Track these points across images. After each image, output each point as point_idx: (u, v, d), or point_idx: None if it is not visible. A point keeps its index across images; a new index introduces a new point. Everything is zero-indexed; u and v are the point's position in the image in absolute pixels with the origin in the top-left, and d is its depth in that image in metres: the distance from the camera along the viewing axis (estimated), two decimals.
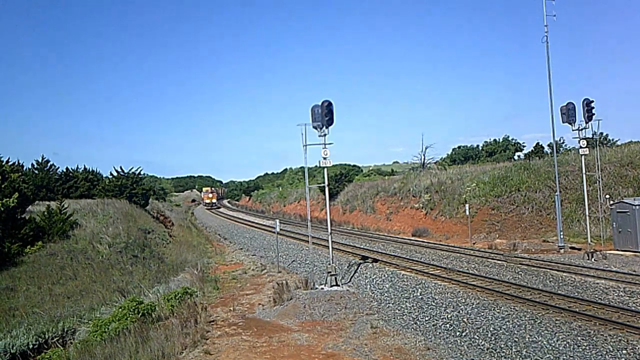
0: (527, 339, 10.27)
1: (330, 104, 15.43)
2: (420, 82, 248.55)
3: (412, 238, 30.80)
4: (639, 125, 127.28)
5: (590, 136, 23.20)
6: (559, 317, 11.59)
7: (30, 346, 14.10)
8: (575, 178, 28.57)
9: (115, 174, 47.10)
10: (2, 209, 23.51)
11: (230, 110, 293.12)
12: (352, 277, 17.68)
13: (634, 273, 16.30)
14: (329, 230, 16.62)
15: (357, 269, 18.86)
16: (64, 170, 47.20)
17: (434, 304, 13.50)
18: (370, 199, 44.91)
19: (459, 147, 73.98)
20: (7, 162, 32.82)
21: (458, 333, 11.03)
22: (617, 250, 20.81)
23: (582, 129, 20.41)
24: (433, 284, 15.68)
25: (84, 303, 17.80)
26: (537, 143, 56.12)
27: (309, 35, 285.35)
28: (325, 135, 15.55)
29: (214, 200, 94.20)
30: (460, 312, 12.54)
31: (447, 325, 11.60)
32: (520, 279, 16.12)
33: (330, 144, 15.61)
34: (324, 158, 15.76)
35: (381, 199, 43.73)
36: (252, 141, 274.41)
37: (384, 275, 17.31)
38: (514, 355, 9.51)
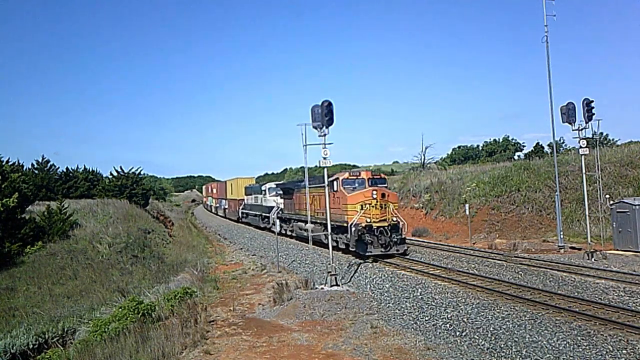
0: (527, 339, 10.27)
1: (330, 104, 15.41)
2: (421, 82, 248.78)
3: (412, 238, 30.74)
4: (639, 125, 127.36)
5: (590, 136, 23.23)
6: (559, 317, 11.58)
7: (30, 346, 14.12)
8: (575, 178, 28.57)
9: (115, 174, 47.18)
10: (2, 209, 23.53)
11: (230, 110, 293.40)
12: (352, 277, 17.69)
13: (634, 273, 16.28)
14: (329, 230, 16.63)
15: (357, 268, 18.86)
16: (64, 170, 47.39)
17: (434, 303, 13.50)
18: None
19: (459, 147, 74.27)
20: (7, 162, 32.85)
21: (458, 333, 11.02)
22: (617, 250, 20.80)
23: (582, 129, 20.39)
24: (433, 284, 15.68)
25: (84, 303, 17.81)
26: (537, 143, 56.33)
27: (309, 35, 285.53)
28: (325, 135, 15.53)
29: None
30: (460, 312, 12.54)
31: (447, 325, 11.59)
32: (520, 279, 16.12)
33: (330, 144, 15.60)
34: (324, 158, 15.74)
35: None
36: (252, 141, 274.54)
37: (384, 275, 17.31)
38: (514, 355, 9.50)
